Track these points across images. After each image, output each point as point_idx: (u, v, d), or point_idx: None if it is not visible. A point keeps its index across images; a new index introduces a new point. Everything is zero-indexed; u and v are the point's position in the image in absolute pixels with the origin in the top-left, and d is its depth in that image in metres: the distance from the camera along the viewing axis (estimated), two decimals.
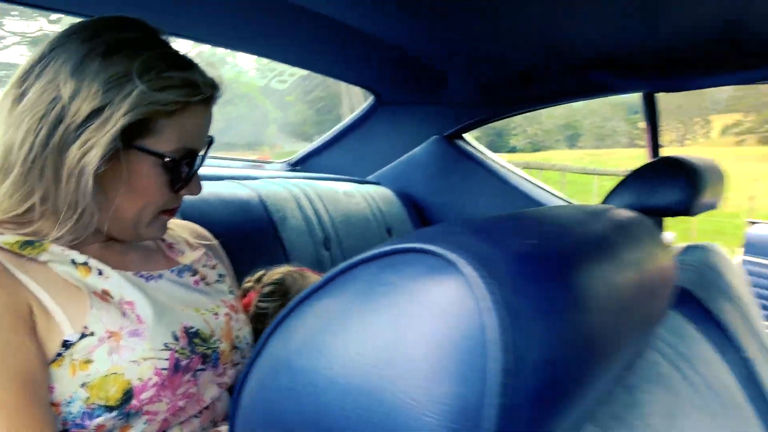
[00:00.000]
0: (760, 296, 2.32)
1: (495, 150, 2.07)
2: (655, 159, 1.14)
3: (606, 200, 1.15)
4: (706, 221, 9.94)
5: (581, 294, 0.33)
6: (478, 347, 0.25)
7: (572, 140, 16.67)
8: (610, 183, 1.28)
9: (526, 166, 9.90)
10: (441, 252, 0.28)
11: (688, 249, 1.18)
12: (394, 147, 1.99)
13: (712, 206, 1.18)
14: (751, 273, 2.37)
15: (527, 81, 1.60)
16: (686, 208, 1.04)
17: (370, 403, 0.26)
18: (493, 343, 0.26)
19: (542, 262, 0.32)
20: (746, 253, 2.43)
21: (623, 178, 1.14)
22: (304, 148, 2.13)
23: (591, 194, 10.41)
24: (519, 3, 1.03)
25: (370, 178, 2.04)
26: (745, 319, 0.94)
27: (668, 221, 1.18)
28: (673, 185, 1.05)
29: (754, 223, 2.45)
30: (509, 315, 0.27)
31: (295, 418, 0.29)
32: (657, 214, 1.09)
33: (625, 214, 0.47)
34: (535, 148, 15.68)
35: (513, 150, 14.73)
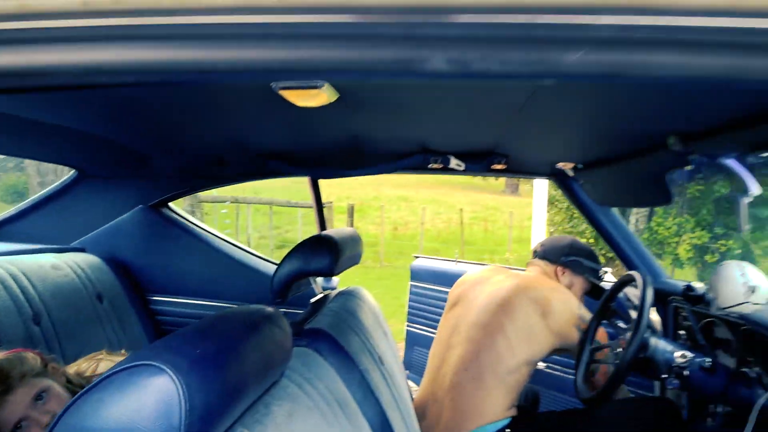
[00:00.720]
0: (423, 311, 3.07)
1: None
2: (310, 236, 1.60)
3: (279, 266, 1.57)
4: (391, 245, 11.72)
5: (235, 364, 0.68)
6: (175, 410, 0.58)
7: None
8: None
9: (235, 201, 10.29)
10: (156, 364, 0.60)
11: (338, 295, 1.67)
12: (99, 215, 2.13)
13: (353, 262, 1.70)
14: (416, 294, 3.12)
15: (221, 163, 1.96)
16: (330, 270, 1.51)
17: None
18: (183, 402, 0.59)
19: (213, 351, 0.66)
20: (412, 279, 3.18)
21: (293, 248, 1.57)
22: None
23: (296, 223, 11.37)
24: (215, 107, 1.36)
25: (74, 244, 2.13)
26: (365, 344, 1.44)
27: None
28: (322, 255, 1.51)
29: (417, 257, 3.21)
30: (192, 387, 0.60)
31: None
32: (312, 275, 1.55)
33: (266, 312, 0.85)
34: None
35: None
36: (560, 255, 1.86)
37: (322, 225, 2.15)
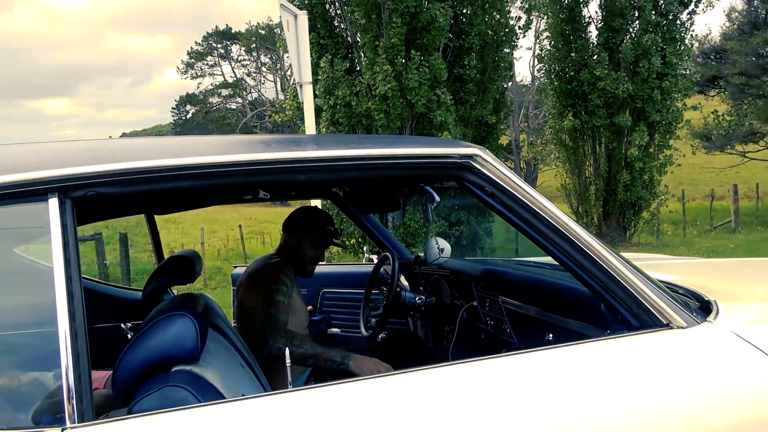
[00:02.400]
0: None
1: None
2: (170, 256, 2.21)
3: (148, 281, 2.14)
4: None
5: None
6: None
7: None
8: None
9: None
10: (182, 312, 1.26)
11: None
12: None
13: (198, 274, 2.33)
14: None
15: None
16: (191, 279, 2.15)
17: None
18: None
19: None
20: (233, 286, 3.79)
21: (159, 266, 2.17)
22: None
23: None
24: None
25: None
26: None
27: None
28: (182, 268, 2.13)
29: (236, 267, 3.79)
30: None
31: None
32: (176, 284, 2.17)
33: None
34: None
35: None
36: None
37: (160, 256, 2.70)
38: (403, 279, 2.88)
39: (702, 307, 1.48)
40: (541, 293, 1.93)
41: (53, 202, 1.11)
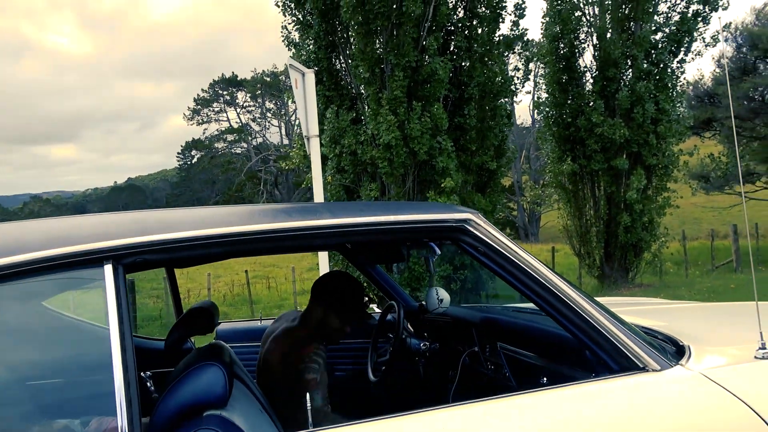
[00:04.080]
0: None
1: None
2: (190, 309, 2.38)
3: (171, 332, 2.32)
4: None
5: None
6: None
7: None
8: None
9: None
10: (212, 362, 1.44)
11: None
12: None
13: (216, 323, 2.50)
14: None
15: None
16: (210, 329, 2.32)
17: None
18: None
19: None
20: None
21: (180, 318, 2.34)
22: None
23: None
24: None
25: None
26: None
27: None
28: (202, 319, 2.30)
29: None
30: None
31: None
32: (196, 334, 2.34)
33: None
34: None
35: None
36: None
37: (178, 307, 2.87)
38: (409, 325, 3.05)
39: (678, 351, 1.65)
40: (535, 339, 2.10)
41: (108, 269, 1.30)
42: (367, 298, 2.44)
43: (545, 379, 1.93)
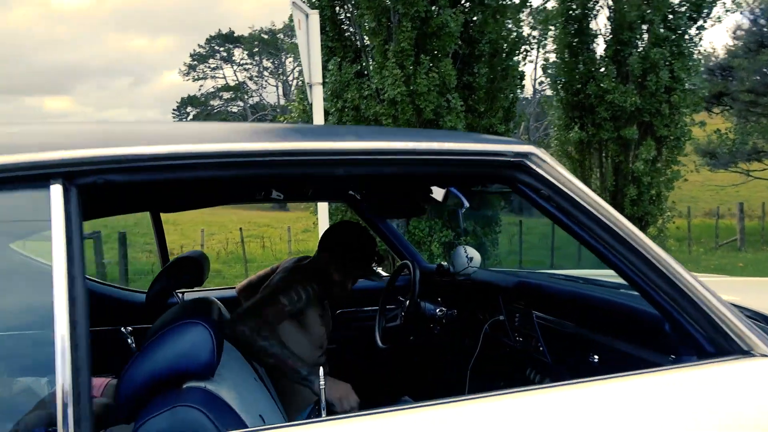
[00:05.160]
0: None
1: None
2: (176, 258, 2.04)
3: (153, 283, 1.99)
4: None
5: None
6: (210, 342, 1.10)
7: None
8: None
9: None
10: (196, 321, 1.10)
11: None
12: None
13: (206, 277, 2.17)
14: None
15: None
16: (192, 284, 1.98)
17: None
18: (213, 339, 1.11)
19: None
20: None
21: (165, 268, 2.01)
22: None
23: None
24: None
25: None
26: None
27: None
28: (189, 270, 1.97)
29: None
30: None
31: None
32: (183, 287, 2.01)
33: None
34: None
35: None
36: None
37: (165, 257, 2.54)
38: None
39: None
40: (584, 309, 1.77)
41: (56, 190, 0.95)
42: (376, 257, 2.12)
43: (596, 357, 1.62)
